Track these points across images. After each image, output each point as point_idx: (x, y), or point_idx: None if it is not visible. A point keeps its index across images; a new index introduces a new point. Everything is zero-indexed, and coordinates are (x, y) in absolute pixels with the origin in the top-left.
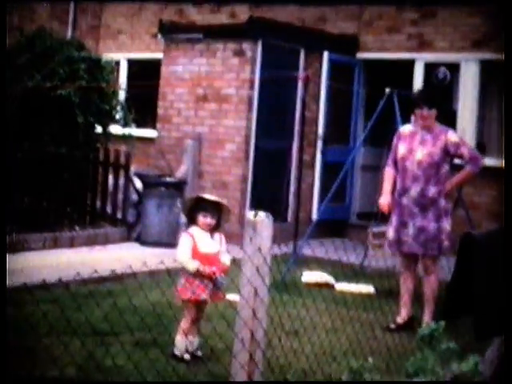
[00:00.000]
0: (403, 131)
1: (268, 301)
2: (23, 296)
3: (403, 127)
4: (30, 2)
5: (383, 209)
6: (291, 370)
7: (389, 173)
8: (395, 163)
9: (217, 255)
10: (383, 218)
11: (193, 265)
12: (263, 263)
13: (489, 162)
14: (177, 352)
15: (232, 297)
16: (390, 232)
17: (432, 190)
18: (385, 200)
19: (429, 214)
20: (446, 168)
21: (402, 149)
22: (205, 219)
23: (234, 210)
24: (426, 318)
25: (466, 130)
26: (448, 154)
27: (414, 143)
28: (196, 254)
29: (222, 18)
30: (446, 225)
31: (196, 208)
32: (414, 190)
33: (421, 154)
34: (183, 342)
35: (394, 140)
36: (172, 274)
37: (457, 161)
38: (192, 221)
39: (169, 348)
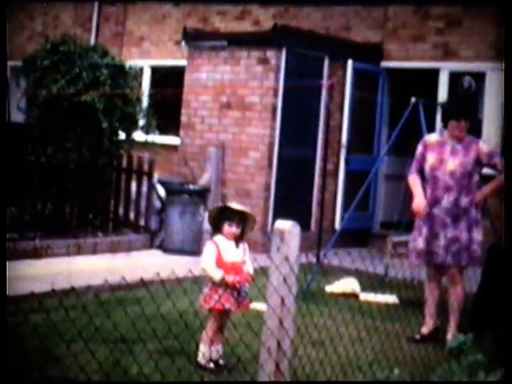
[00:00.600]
0: (430, 140)
1: (295, 310)
2: (50, 302)
3: (429, 136)
4: (30, 1)
5: (419, 211)
6: (317, 379)
7: (416, 179)
8: (420, 172)
9: (241, 264)
10: (406, 228)
11: (218, 274)
12: (290, 273)
13: None
14: (201, 360)
15: (258, 306)
16: (420, 243)
17: (464, 200)
18: (421, 202)
19: (461, 224)
20: (477, 178)
21: (431, 158)
22: (230, 228)
23: (256, 219)
24: (452, 328)
25: (491, 139)
26: (480, 164)
27: (445, 153)
28: (221, 262)
29: (245, 25)
30: (478, 235)
31: (221, 217)
32: (447, 201)
33: (453, 164)
34: (207, 351)
35: (419, 148)
36: (198, 282)
37: (485, 171)
38: (217, 229)
39: (195, 356)
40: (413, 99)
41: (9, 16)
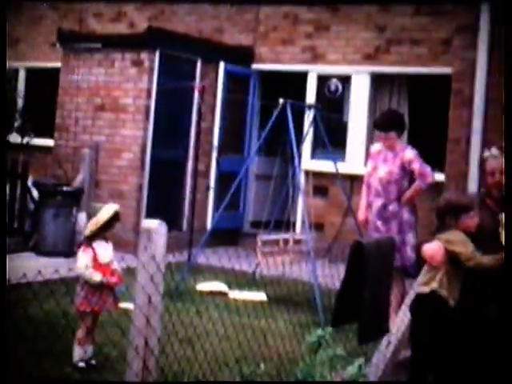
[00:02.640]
0: (372, 150)
1: (162, 308)
2: None
3: (373, 146)
4: (30, 1)
5: (361, 222)
6: (184, 376)
7: (363, 190)
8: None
9: (112, 264)
10: (275, 227)
11: (97, 277)
12: (157, 271)
13: None
14: (74, 361)
15: (125, 305)
16: None
17: (393, 205)
18: (360, 215)
19: (391, 227)
20: (405, 184)
21: (368, 166)
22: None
23: (129, 219)
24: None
25: (356, 140)
26: (405, 170)
27: (379, 161)
28: (97, 265)
29: (121, 27)
30: (410, 237)
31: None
32: (376, 205)
33: (382, 171)
34: (79, 351)
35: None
36: (67, 283)
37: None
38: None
39: (63, 357)
40: (281, 100)
41: None
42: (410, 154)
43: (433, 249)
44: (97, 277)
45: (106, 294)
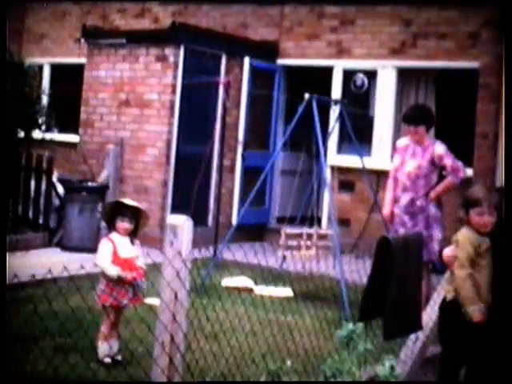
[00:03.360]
0: (398, 144)
1: (188, 304)
2: None
3: (399, 140)
4: (30, 1)
5: (385, 217)
6: (210, 373)
7: (388, 185)
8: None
9: (135, 260)
10: (301, 222)
11: (114, 270)
12: (183, 267)
13: None
14: (100, 357)
15: (151, 301)
16: None
17: (421, 200)
18: (385, 210)
19: (418, 222)
20: (434, 178)
21: (396, 161)
22: (122, 224)
23: (154, 215)
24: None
25: (382, 135)
26: (435, 165)
27: (406, 156)
28: (116, 259)
29: (145, 23)
30: (437, 232)
31: (115, 213)
32: (404, 200)
33: (411, 165)
34: (104, 347)
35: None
36: (92, 278)
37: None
38: (111, 225)
39: (89, 352)
40: (306, 95)
41: None
42: (440, 148)
43: (447, 254)
44: (114, 271)
45: (126, 289)
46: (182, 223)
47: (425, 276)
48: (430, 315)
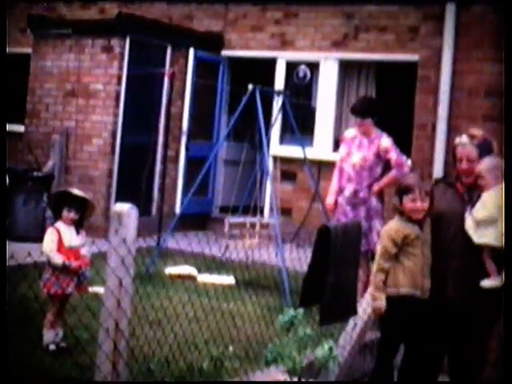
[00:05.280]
0: (346, 135)
1: (132, 291)
2: None
3: (347, 131)
4: (30, 2)
5: (328, 207)
6: (154, 358)
7: (334, 175)
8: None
9: (80, 249)
10: (244, 211)
11: (58, 259)
12: (128, 254)
13: None
14: (44, 344)
15: (96, 289)
16: None
17: (364, 191)
18: (329, 200)
19: (360, 213)
20: (378, 171)
21: (342, 151)
22: (69, 214)
23: (99, 204)
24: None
25: (324, 126)
26: (380, 158)
27: (353, 147)
28: (61, 248)
29: (91, 13)
30: (377, 224)
31: (61, 202)
32: (348, 190)
33: (356, 157)
34: (49, 334)
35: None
36: (39, 267)
37: None
38: (58, 216)
39: (35, 340)
40: (250, 86)
41: None
42: (386, 142)
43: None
44: (58, 259)
45: (71, 278)
46: (126, 211)
47: (364, 265)
48: (368, 302)
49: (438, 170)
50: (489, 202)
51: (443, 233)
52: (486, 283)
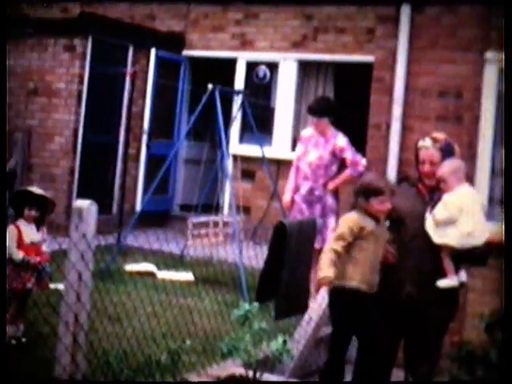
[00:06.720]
0: (303, 134)
1: (91, 285)
2: None
3: (304, 130)
4: (31, 2)
5: (285, 205)
6: (113, 351)
7: (290, 173)
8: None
9: (41, 246)
10: (204, 210)
11: (19, 255)
12: (88, 249)
13: None
14: (6, 339)
15: (56, 285)
16: None
17: (319, 189)
18: (285, 198)
19: (315, 210)
20: (334, 169)
21: (299, 150)
22: (30, 212)
23: (61, 202)
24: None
25: (283, 125)
26: (335, 157)
27: (309, 146)
28: (22, 244)
29: (54, 12)
30: (332, 221)
31: (22, 201)
32: (304, 188)
33: (313, 155)
34: (10, 329)
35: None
36: None
37: None
38: (18, 213)
39: None
40: (210, 86)
41: None
42: (341, 141)
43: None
44: (18, 255)
45: (31, 274)
46: (87, 207)
47: (317, 264)
48: (323, 296)
49: (392, 169)
50: (450, 203)
51: (404, 231)
52: (443, 283)
